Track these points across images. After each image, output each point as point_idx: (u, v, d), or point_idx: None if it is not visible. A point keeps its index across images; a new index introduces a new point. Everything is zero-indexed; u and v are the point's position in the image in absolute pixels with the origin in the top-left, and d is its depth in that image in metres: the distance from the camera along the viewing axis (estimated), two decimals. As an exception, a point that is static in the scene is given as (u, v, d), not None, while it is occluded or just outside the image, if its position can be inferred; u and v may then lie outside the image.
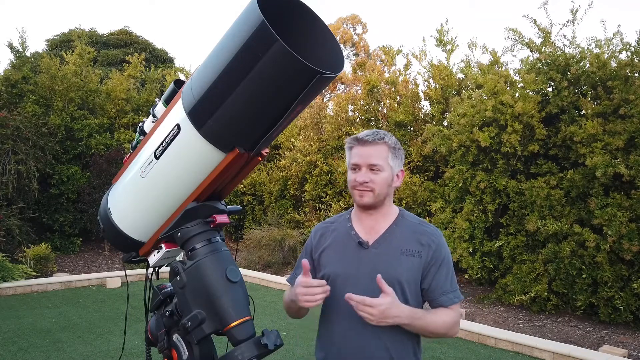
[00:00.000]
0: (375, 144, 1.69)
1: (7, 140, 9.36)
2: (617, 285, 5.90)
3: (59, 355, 4.80)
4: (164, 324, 1.42)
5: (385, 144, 1.70)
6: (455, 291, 1.73)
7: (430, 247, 1.71)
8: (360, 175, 1.68)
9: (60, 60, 11.78)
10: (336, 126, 10.10)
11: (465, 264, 7.33)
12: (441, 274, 1.71)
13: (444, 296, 1.71)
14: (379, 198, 1.70)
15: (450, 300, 1.71)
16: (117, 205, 1.49)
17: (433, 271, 1.70)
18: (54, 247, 9.90)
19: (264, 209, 11.33)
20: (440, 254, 1.72)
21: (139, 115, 12.04)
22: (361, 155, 1.69)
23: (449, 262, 1.75)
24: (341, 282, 1.71)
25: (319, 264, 1.80)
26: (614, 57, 6.57)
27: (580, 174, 6.31)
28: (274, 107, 1.21)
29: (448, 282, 1.72)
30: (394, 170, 1.73)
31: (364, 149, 1.69)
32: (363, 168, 1.69)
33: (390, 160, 1.71)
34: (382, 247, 1.71)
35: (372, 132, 1.72)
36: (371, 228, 1.75)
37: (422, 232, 1.74)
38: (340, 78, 20.36)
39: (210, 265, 1.33)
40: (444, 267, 1.72)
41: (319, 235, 1.85)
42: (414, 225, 1.77)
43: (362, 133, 1.74)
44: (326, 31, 1.26)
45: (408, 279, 1.68)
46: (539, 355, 4.93)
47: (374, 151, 1.69)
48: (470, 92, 7.81)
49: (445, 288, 1.71)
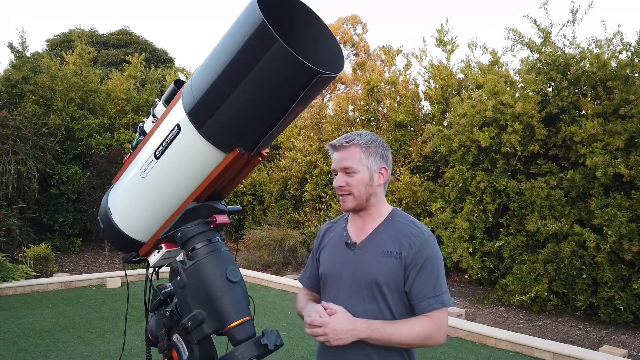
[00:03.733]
0: (346, 147, 1.70)
1: (7, 140, 9.37)
2: (617, 286, 5.90)
3: (59, 355, 4.80)
4: (164, 324, 1.42)
5: (355, 146, 1.69)
6: (438, 296, 1.62)
7: (410, 248, 1.65)
8: (336, 180, 1.72)
9: (61, 61, 11.79)
10: (336, 126, 10.11)
11: (465, 264, 7.33)
12: (422, 277, 1.63)
13: (423, 301, 1.62)
14: (360, 199, 1.71)
15: (429, 306, 1.61)
16: (117, 205, 1.49)
17: (413, 274, 1.63)
18: (54, 247, 9.90)
19: (264, 209, 11.33)
20: (422, 256, 1.64)
21: (139, 115, 12.05)
22: (335, 160, 1.73)
23: (433, 264, 1.65)
24: (330, 282, 1.76)
25: (319, 263, 1.86)
26: (614, 57, 6.56)
27: (580, 174, 6.31)
28: (274, 107, 1.21)
29: (430, 286, 1.63)
30: (372, 169, 1.70)
31: (337, 154, 1.72)
32: (339, 173, 1.71)
33: (364, 160, 1.69)
34: (367, 248, 1.72)
35: (344, 136, 1.73)
36: (361, 229, 1.76)
37: (405, 233, 1.68)
38: (340, 78, 20.36)
39: (211, 265, 1.33)
40: (426, 270, 1.63)
41: (322, 235, 1.90)
42: (401, 225, 1.72)
43: (335, 140, 1.75)
44: (326, 31, 1.26)
45: (387, 280, 1.64)
46: (539, 355, 4.93)
47: (345, 154, 1.70)
48: (470, 92, 7.80)
49: (426, 292, 1.62)
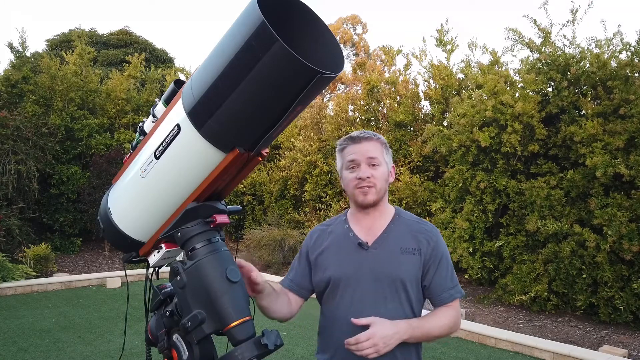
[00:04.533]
0: (370, 139, 1.72)
1: (7, 140, 9.37)
2: (617, 285, 5.90)
3: (59, 355, 4.80)
4: (164, 324, 1.42)
5: (377, 141, 1.73)
6: (455, 286, 1.74)
7: (428, 244, 1.72)
8: (363, 171, 1.68)
9: (60, 60, 11.79)
10: (336, 126, 10.11)
11: (465, 264, 7.33)
12: (441, 270, 1.72)
13: (445, 293, 1.72)
14: (380, 193, 1.71)
15: (451, 297, 1.72)
16: (117, 205, 1.49)
17: (433, 268, 1.71)
18: (54, 247, 9.91)
19: (264, 209, 11.33)
20: (439, 251, 1.73)
21: (139, 115, 12.05)
22: (358, 151, 1.70)
23: (447, 258, 1.76)
24: (342, 286, 1.70)
25: (315, 266, 1.79)
26: (614, 57, 6.57)
27: (580, 174, 6.31)
28: (274, 107, 1.21)
29: (448, 278, 1.73)
30: (388, 166, 1.75)
31: (359, 146, 1.71)
32: (362, 164, 1.69)
33: (385, 156, 1.74)
34: (382, 247, 1.71)
35: (363, 131, 1.75)
36: (369, 228, 1.74)
37: (419, 229, 1.75)
38: (340, 78, 20.36)
39: (210, 265, 1.32)
40: (444, 264, 1.73)
41: (315, 237, 1.84)
42: (411, 223, 1.77)
43: (353, 133, 1.75)
44: (326, 31, 1.26)
45: (410, 277, 1.68)
46: (539, 355, 4.93)
47: (369, 146, 1.71)
48: (470, 92, 7.81)
49: (446, 285, 1.72)
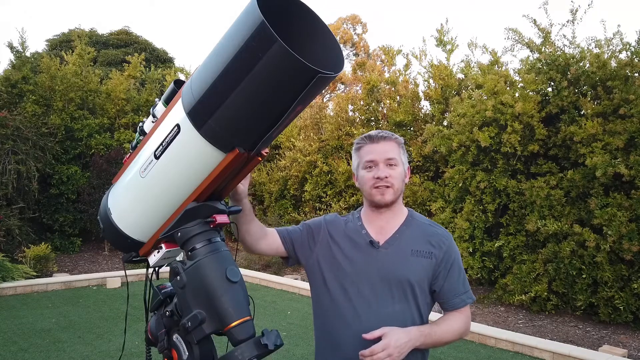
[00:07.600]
0: (388, 139, 1.72)
1: (7, 140, 9.37)
2: (617, 285, 5.90)
3: (59, 355, 4.80)
4: (164, 324, 1.41)
5: (394, 141, 1.74)
6: (467, 292, 1.74)
7: (441, 248, 1.71)
8: (381, 171, 1.68)
9: (60, 60, 11.79)
10: (336, 126, 10.11)
11: (465, 264, 7.33)
12: (453, 275, 1.71)
13: (457, 298, 1.71)
14: (397, 194, 1.72)
15: (462, 302, 1.72)
16: (117, 205, 1.49)
17: (444, 273, 1.70)
18: (54, 247, 9.90)
19: (264, 209, 11.33)
20: (451, 256, 1.72)
21: (139, 115, 12.05)
22: (376, 151, 1.70)
23: (459, 263, 1.75)
24: (350, 281, 1.70)
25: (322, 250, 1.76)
26: (614, 57, 6.57)
27: (580, 174, 6.31)
28: (274, 107, 1.21)
29: (460, 283, 1.73)
30: (405, 167, 1.76)
31: (378, 146, 1.71)
32: (380, 164, 1.69)
33: (402, 156, 1.74)
34: (393, 247, 1.71)
35: (380, 131, 1.75)
36: (381, 228, 1.74)
37: (432, 233, 1.74)
38: (340, 78, 20.36)
39: (210, 265, 1.32)
40: (456, 269, 1.72)
41: (331, 221, 1.83)
42: (424, 226, 1.77)
43: (371, 132, 1.75)
44: (326, 31, 1.26)
45: (418, 279, 1.68)
46: (539, 355, 4.93)
47: (387, 146, 1.71)
48: (470, 92, 7.81)
49: (458, 289, 1.72)
